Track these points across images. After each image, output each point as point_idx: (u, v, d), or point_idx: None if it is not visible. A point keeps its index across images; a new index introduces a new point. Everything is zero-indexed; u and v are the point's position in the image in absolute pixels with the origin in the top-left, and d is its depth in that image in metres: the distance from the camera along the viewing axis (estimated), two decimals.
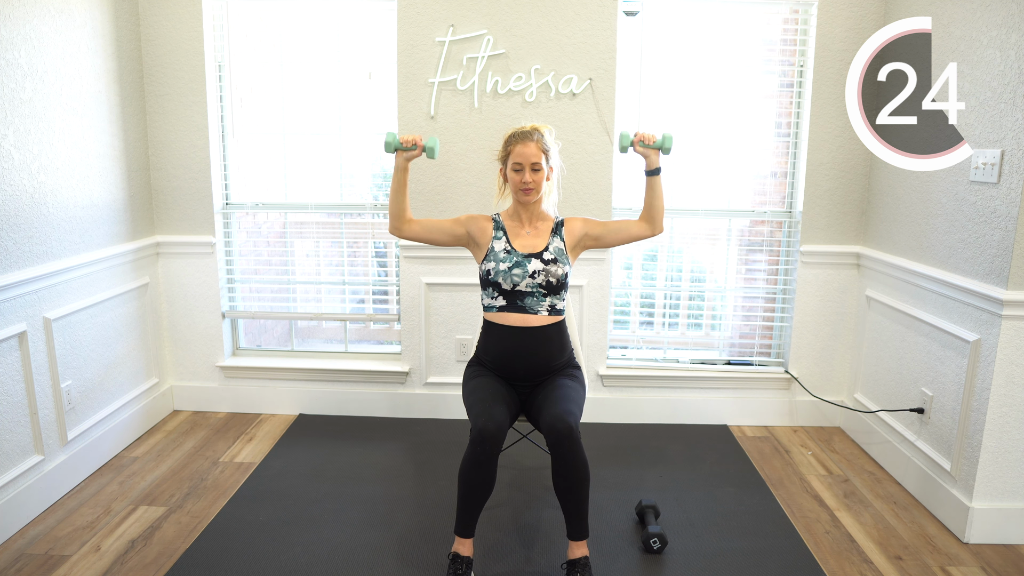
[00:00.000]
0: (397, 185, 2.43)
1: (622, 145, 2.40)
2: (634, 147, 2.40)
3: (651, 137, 2.37)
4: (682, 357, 3.54)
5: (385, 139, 2.38)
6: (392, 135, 2.39)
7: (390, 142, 2.39)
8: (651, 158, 2.39)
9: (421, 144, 2.41)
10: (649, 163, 2.40)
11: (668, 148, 2.37)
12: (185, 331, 3.50)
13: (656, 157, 2.39)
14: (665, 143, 2.37)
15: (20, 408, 2.55)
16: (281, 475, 2.91)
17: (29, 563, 2.32)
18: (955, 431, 2.57)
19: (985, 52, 2.45)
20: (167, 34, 3.22)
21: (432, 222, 2.48)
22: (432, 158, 2.44)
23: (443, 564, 2.32)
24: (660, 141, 2.37)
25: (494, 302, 2.38)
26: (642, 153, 2.40)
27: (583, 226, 2.45)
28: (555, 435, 2.11)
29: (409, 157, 2.43)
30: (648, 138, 2.37)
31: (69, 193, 2.79)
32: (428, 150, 2.41)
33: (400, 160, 2.43)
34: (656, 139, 2.38)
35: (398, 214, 2.45)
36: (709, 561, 2.38)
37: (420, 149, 2.42)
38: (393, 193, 2.44)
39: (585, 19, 3.13)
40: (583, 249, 2.48)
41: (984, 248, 2.45)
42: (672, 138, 2.37)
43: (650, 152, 2.39)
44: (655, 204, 2.41)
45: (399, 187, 2.43)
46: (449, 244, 2.49)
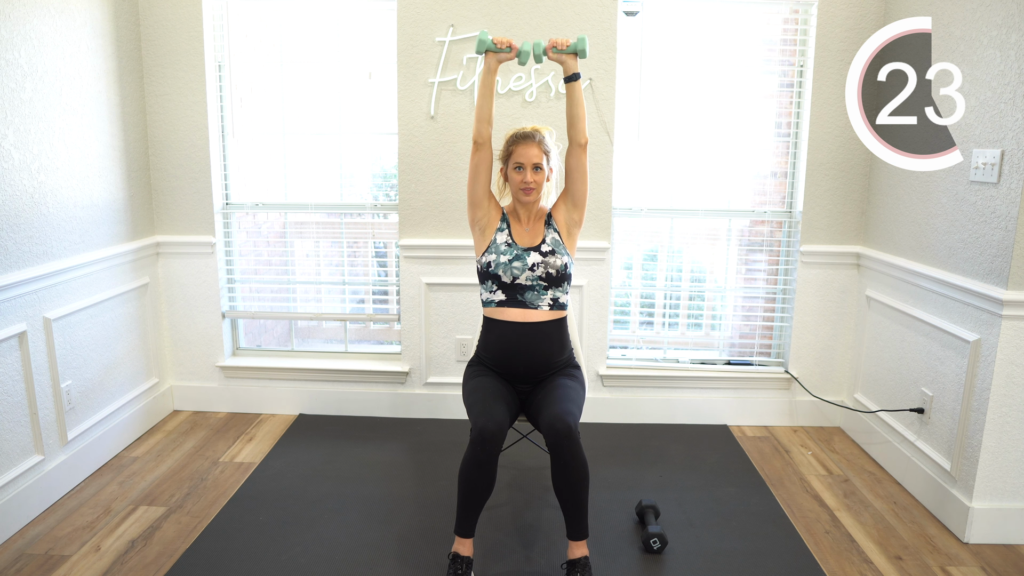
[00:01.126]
0: (485, 88, 2.35)
1: (535, 53, 2.35)
2: (547, 54, 2.36)
3: (564, 41, 2.32)
4: (682, 357, 3.54)
5: (478, 36, 2.31)
6: (484, 33, 2.32)
7: (483, 40, 2.31)
8: (568, 63, 2.34)
9: (516, 47, 2.35)
10: (566, 68, 2.34)
11: (583, 49, 2.31)
12: (185, 331, 3.50)
13: (574, 62, 2.34)
14: (579, 44, 2.31)
15: (20, 408, 2.55)
16: (281, 475, 2.91)
17: (29, 563, 2.32)
18: (955, 431, 2.57)
19: (985, 52, 2.45)
20: (167, 34, 3.22)
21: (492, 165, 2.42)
22: (522, 64, 2.38)
23: (443, 564, 2.32)
24: (575, 44, 2.32)
25: (493, 296, 2.38)
26: (556, 59, 2.35)
27: (559, 204, 2.44)
28: (554, 435, 2.11)
29: (501, 59, 2.36)
30: (561, 43, 2.32)
31: (69, 193, 2.79)
32: (521, 54, 2.35)
33: (491, 61, 2.35)
34: (570, 42, 2.33)
35: (486, 117, 2.37)
36: (709, 561, 2.38)
37: (514, 52, 2.35)
38: (480, 97, 2.36)
39: (585, 19, 3.13)
40: (577, 226, 2.45)
41: (984, 248, 2.45)
42: (586, 39, 2.31)
43: (565, 57, 2.34)
44: (576, 112, 2.35)
45: (487, 90, 2.35)
46: (476, 195, 2.40)
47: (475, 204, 2.41)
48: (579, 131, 2.36)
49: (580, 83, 2.35)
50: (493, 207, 2.44)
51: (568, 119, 2.36)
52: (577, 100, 2.35)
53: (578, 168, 2.39)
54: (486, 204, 2.42)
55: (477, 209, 2.41)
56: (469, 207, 2.43)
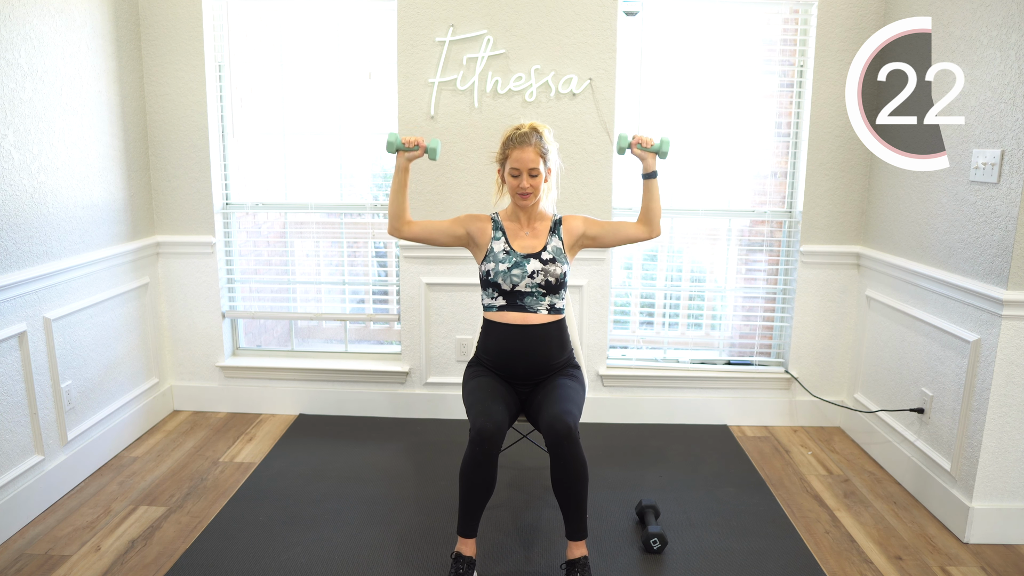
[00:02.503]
0: (397, 186, 2.43)
1: (620, 147, 2.40)
2: (631, 150, 2.40)
3: (649, 140, 2.38)
4: (682, 357, 3.54)
5: (387, 139, 2.38)
6: (394, 135, 2.39)
7: (392, 142, 2.38)
8: (648, 161, 2.39)
9: (424, 145, 2.41)
10: (646, 166, 2.40)
11: (665, 152, 2.37)
12: (185, 331, 3.50)
13: (653, 161, 2.40)
14: (662, 147, 2.37)
15: (20, 408, 2.55)
16: (281, 475, 2.91)
17: (29, 563, 2.32)
18: (955, 431, 2.57)
19: (985, 52, 2.45)
20: (167, 34, 3.22)
21: (432, 224, 2.48)
22: (434, 159, 2.43)
23: (444, 564, 2.32)
24: (658, 145, 2.38)
25: (494, 302, 2.39)
26: (639, 156, 2.40)
27: (581, 225, 2.45)
28: (554, 435, 2.11)
29: (411, 158, 2.43)
30: (646, 141, 2.38)
31: (69, 193, 2.79)
32: (430, 151, 2.41)
33: (401, 160, 2.42)
34: (654, 143, 2.38)
35: (398, 215, 2.44)
36: (709, 561, 2.38)
37: (422, 150, 2.42)
38: (393, 194, 2.43)
39: (585, 19, 3.13)
40: (581, 248, 2.48)
41: (984, 248, 2.45)
42: (669, 142, 2.37)
43: (647, 155, 2.39)
44: (652, 208, 2.41)
45: (399, 188, 2.43)
46: (449, 244, 2.48)
47: (456, 246, 2.49)
48: (655, 227, 2.45)
49: (657, 181, 2.40)
50: (474, 226, 2.46)
51: (644, 213, 2.44)
52: (654, 196, 2.42)
53: (627, 241, 2.47)
54: (463, 235, 2.46)
55: (459, 241, 2.47)
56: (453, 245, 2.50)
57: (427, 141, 2.43)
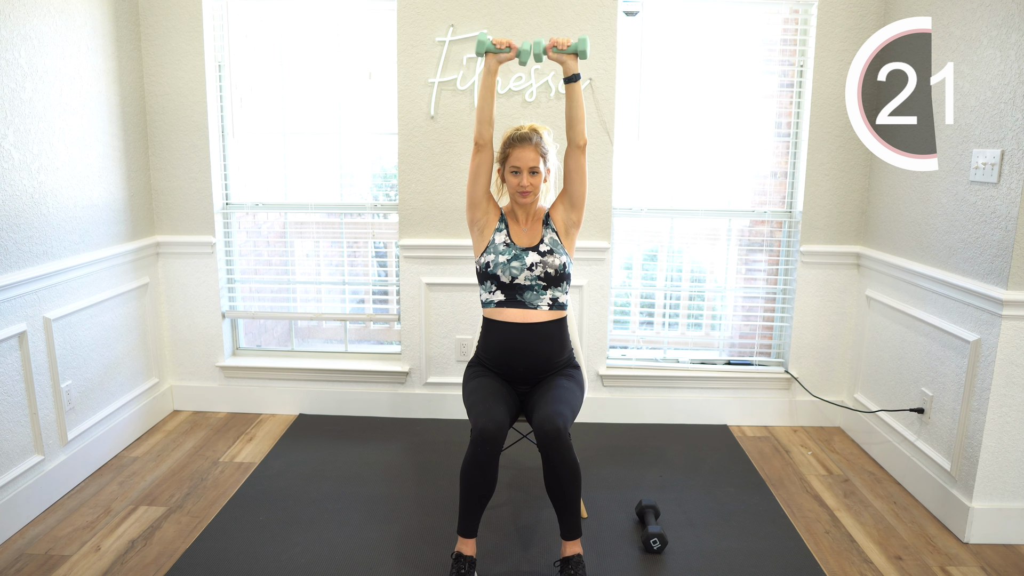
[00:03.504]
0: (485, 90, 2.34)
1: (535, 53, 2.34)
2: (547, 53, 2.34)
3: (565, 41, 2.31)
4: (682, 357, 3.54)
5: (477, 37, 2.29)
6: (484, 34, 2.30)
7: (482, 41, 2.29)
8: (568, 64, 2.32)
9: (515, 47, 2.33)
10: (566, 69, 2.33)
11: (583, 50, 2.30)
12: (185, 331, 3.50)
13: (574, 62, 2.32)
14: (580, 45, 2.30)
15: (20, 408, 2.55)
16: (281, 475, 2.91)
17: (29, 563, 2.32)
18: (955, 431, 2.57)
19: (985, 52, 2.45)
20: (167, 34, 3.22)
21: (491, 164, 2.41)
22: (523, 64, 2.36)
23: (444, 564, 2.32)
24: (575, 44, 2.30)
25: (492, 296, 2.38)
26: (556, 59, 2.34)
27: (557, 204, 2.44)
28: (543, 436, 2.11)
29: (501, 60, 2.35)
30: (562, 43, 2.31)
31: (69, 193, 2.79)
32: (521, 53, 2.33)
33: (491, 62, 2.34)
34: (571, 42, 2.31)
35: (487, 119, 2.35)
36: (709, 561, 2.38)
37: (513, 52, 2.34)
38: (481, 98, 2.35)
39: (585, 19, 3.13)
40: (576, 226, 2.44)
41: (984, 248, 2.45)
42: (587, 39, 2.30)
43: (565, 58, 2.32)
44: (576, 114, 2.33)
45: (488, 92, 2.34)
46: (475, 195, 2.40)
47: (474, 205, 2.41)
48: (578, 132, 2.35)
49: (580, 84, 2.34)
50: (492, 208, 2.44)
51: (567, 120, 2.35)
52: (576, 101, 2.33)
53: (577, 169, 2.38)
54: (485, 205, 2.42)
55: (476, 210, 2.42)
56: (468, 207, 2.43)
57: (519, 43, 2.35)
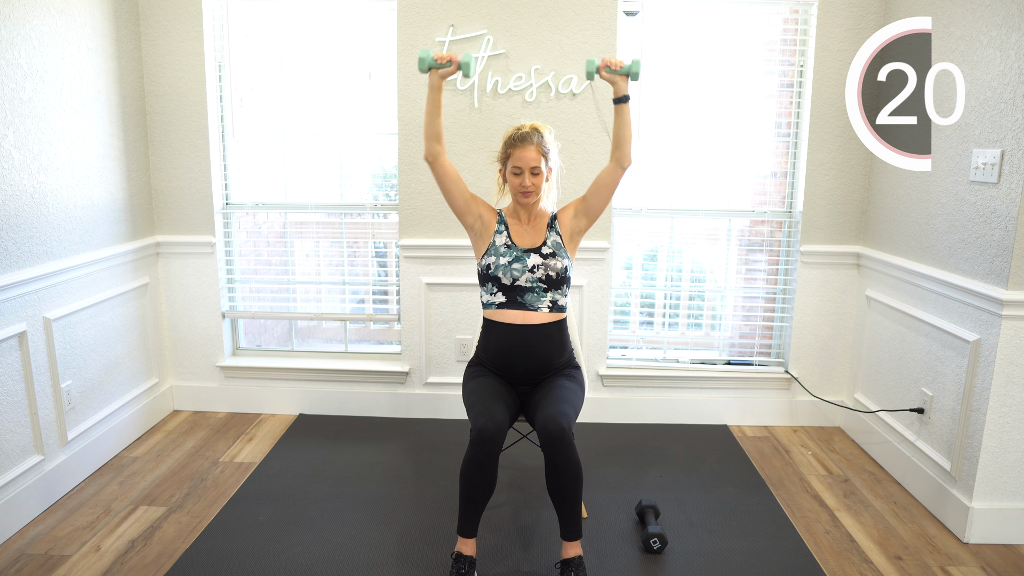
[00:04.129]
0: (432, 106, 2.34)
1: (588, 72, 2.34)
2: (600, 73, 2.34)
3: (618, 63, 2.31)
4: (682, 357, 3.54)
5: (419, 56, 2.28)
6: (426, 51, 2.29)
7: (424, 58, 2.28)
8: (619, 84, 2.32)
9: (456, 60, 2.32)
10: (617, 90, 2.33)
11: (636, 73, 2.30)
12: (185, 331, 3.50)
13: (624, 83, 2.32)
14: (633, 67, 2.30)
15: (20, 408, 2.55)
16: (281, 475, 2.91)
17: (29, 563, 2.32)
18: (955, 431, 2.57)
19: (985, 52, 2.45)
20: (167, 34, 3.22)
21: (458, 175, 2.40)
22: (467, 76, 2.36)
23: (444, 564, 2.32)
24: (628, 66, 2.31)
25: (493, 298, 2.38)
26: (608, 79, 2.34)
27: (570, 210, 2.44)
28: (547, 436, 2.11)
29: (444, 75, 2.33)
30: (615, 63, 2.31)
31: (69, 193, 2.79)
32: (463, 66, 2.32)
33: (435, 79, 2.33)
34: (623, 64, 2.31)
35: (434, 136, 2.35)
36: (709, 561, 2.38)
37: (455, 66, 2.32)
38: (428, 114, 2.34)
39: (585, 19, 3.13)
40: (581, 234, 2.45)
41: (984, 248, 2.45)
42: (640, 62, 2.31)
43: (617, 78, 2.32)
44: (623, 134, 2.34)
45: (434, 108, 2.33)
46: (457, 207, 2.40)
47: (461, 213, 2.43)
48: (624, 153, 2.36)
49: (629, 105, 2.34)
50: (484, 210, 2.44)
51: (615, 140, 2.36)
52: (625, 122, 2.34)
53: (609, 185, 2.39)
54: (473, 208, 2.42)
55: (466, 216, 2.42)
56: (457, 216, 2.44)
57: (460, 56, 2.36)
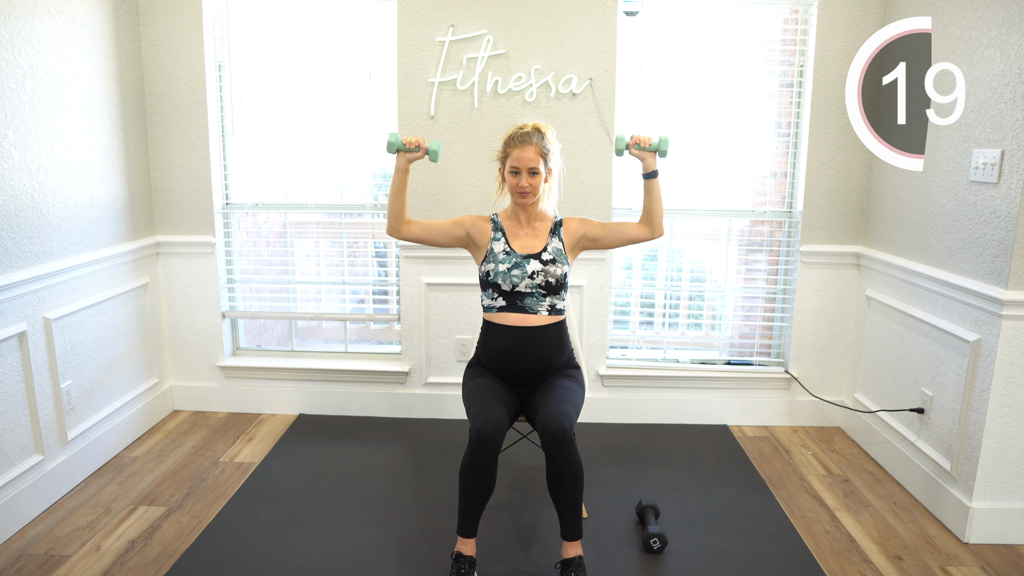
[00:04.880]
0: (397, 186, 2.41)
1: (618, 148, 2.38)
2: (629, 150, 2.38)
3: (647, 140, 2.35)
4: (682, 357, 3.54)
5: (388, 139, 2.37)
6: (395, 135, 2.37)
7: (392, 142, 2.37)
8: (647, 161, 2.37)
9: (424, 146, 2.39)
10: (646, 166, 2.38)
11: (664, 151, 2.35)
12: (185, 331, 3.50)
13: (653, 160, 2.37)
14: (661, 146, 2.34)
15: (20, 408, 2.55)
16: (281, 475, 2.91)
17: (29, 563, 2.32)
18: (955, 431, 2.57)
19: (985, 52, 2.45)
20: (167, 34, 3.22)
21: (431, 224, 2.46)
22: (434, 161, 2.42)
23: (444, 564, 2.32)
24: (656, 144, 2.35)
25: (494, 303, 2.39)
26: (638, 156, 2.38)
27: (581, 226, 2.44)
28: (549, 436, 2.11)
29: (411, 159, 2.40)
30: (644, 141, 2.35)
31: (69, 193, 2.79)
32: (431, 153, 2.39)
33: (401, 161, 2.40)
34: (652, 142, 2.36)
35: (397, 215, 2.42)
36: (709, 561, 2.38)
37: (423, 151, 2.40)
38: (393, 194, 2.41)
39: (585, 19, 3.13)
40: (582, 250, 2.48)
41: (984, 248, 2.45)
42: (668, 140, 2.35)
43: (646, 155, 2.37)
44: (654, 208, 2.39)
45: (399, 188, 2.41)
46: (449, 245, 2.47)
47: (454, 246, 2.48)
48: (657, 227, 2.41)
49: (658, 180, 2.37)
50: (473, 226, 2.45)
51: (646, 213, 2.40)
52: (655, 197, 2.38)
53: (630, 242, 2.44)
54: (461, 235, 2.46)
55: (458, 242, 2.47)
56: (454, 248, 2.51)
57: (428, 143, 2.42)
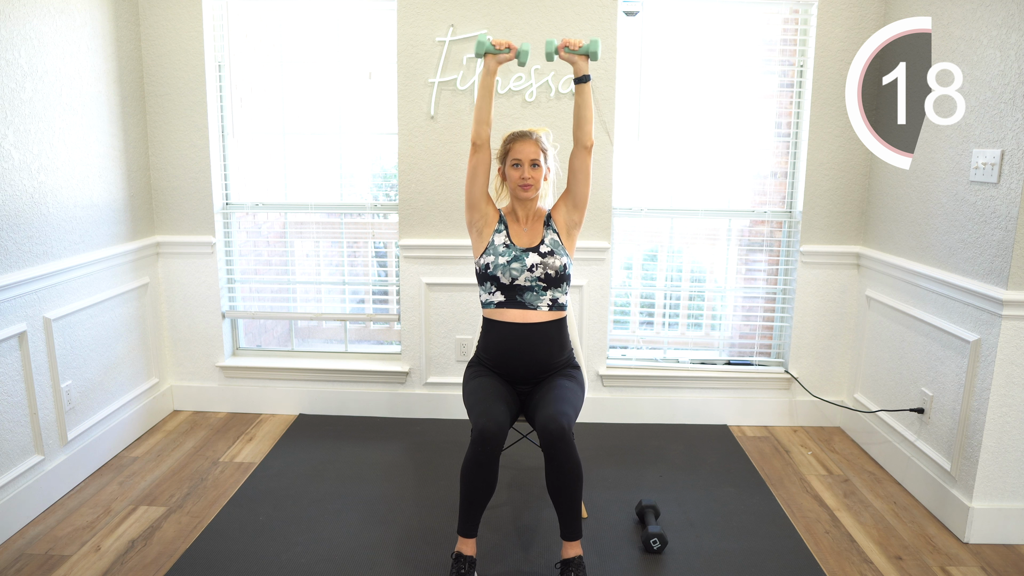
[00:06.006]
0: (484, 89, 2.35)
1: (547, 52, 2.35)
2: (559, 53, 2.35)
3: (577, 42, 2.32)
4: (682, 357, 3.54)
5: (477, 38, 2.31)
6: (484, 35, 2.32)
7: (482, 42, 2.31)
8: (579, 64, 2.33)
9: (515, 47, 2.35)
10: (577, 69, 2.34)
11: (594, 51, 2.31)
12: (185, 331, 3.50)
13: (584, 63, 2.33)
14: (591, 46, 2.31)
15: (20, 408, 2.55)
16: (281, 475, 2.91)
17: (29, 563, 2.32)
18: (955, 431, 2.57)
19: (985, 52, 2.45)
20: (167, 34, 3.22)
21: (490, 167, 2.41)
22: (522, 64, 2.38)
23: (444, 564, 2.32)
24: (587, 46, 2.31)
25: (492, 298, 2.38)
26: (567, 59, 2.34)
27: (560, 205, 2.44)
28: (547, 436, 2.11)
29: (501, 60, 2.36)
30: (574, 43, 2.32)
31: (69, 193, 2.79)
32: (520, 54, 2.34)
33: (491, 63, 2.35)
34: (582, 43, 2.32)
35: (483, 119, 2.36)
36: (709, 561, 2.38)
37: (513, 53, 2.35)
38: (480, 98, 2.35)
39: (585, 19, 3.13)
40: (577, 227, 2.45)
41: (984, 248, 2.45)
42: (599, 42, 2.31)
43: (576, 58, 2.33)
44: (584, 114, 2.34)
45: (486, 91, 2.35)
46: (473, 196, 2.39)
47: (472, 206, 2.42)
48: (585, 133, 2.36)
49: (589, 85, 2.34)
50: (490, 209, 2.44)
51: (575, 120, 2.36)
52: (585, 102, 2.34)
53: (581, 170, 2.38)
54: (483, 206, 2.42)
55: (474, 211, 2.42)
56: (467, 209, 2.43)
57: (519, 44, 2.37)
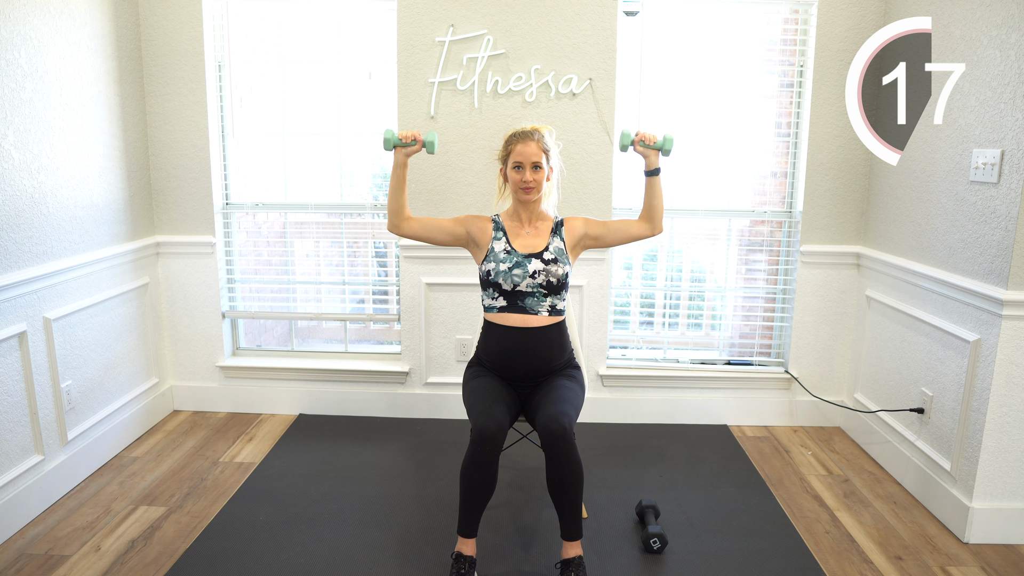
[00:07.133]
0: (396, 182, 2.42)
1: (622, 144, 2.39)
2: (634, 147, 2.39)
3: (651, 137, 2.37)
4: (682, 357, 3.54)
5: (384, 135, 2.38)
6: (391, 131, 2.38)
7: (389, 138, 2.38)
8: (651, 158, 2.38)
9: (420, 139, 2.40)
10: (648, 163, 2.39)
11: (668, 149, 2.36)
12: (185, 331, 3.50)
13: (656, 158, 2.38)
14: (665, 144, 2.36)
15: (20, 408, 2.55)
16: (281, 475, 2.91)
17: (29, 563, 2.32)
18: (955, 431, 2.57)
19: (985, 52, 2.45)
20: (167, 34, 3.22)
21: (432, 221, 2.47)
22: (431, 153, 2.43)
23: (444, 564, 2.32)
24: (660, 142, 2.36)
25: (494, 302, 2.39)
26: (642, 153, 2.39)
27: (583, 226, 2.45)
28: (548, 436, 2.11)
29: (408, 153, 2.41)
30: (648, 138, 2.37)
31: (69, 193, 2.79)
32: (427, 144, 2.40)
33: (399, 156, 2.41)
34: (656, 140, 2.37)
35: (397, 211, 2.43)
36: (709, 561, 2.38)
37: (420, 145, 2.41)
38: (392, 190, 2.42)
39: (585, 19, 3.13)
40: (583, 249, 2.48)
41: (984, 248, 2.45)
42: (673, 139, 2.36)
43: (650, 152, 2.38)
44: (654, 204, 2.41)
45: (398, 184, 2.42)
46: (448, 244, 2.48)
47: (454, 245, 2.49)
48: (657, 223, 2.43)
49: (659, 178, 2.39)
50: (474, 225, 2.45)
51: (647, 209, 2.42)
52: (656, 193, 2.40)
53: (631, 239, 2.46)
54: (463, 233, 2.46)
55: (458, 240, 2.47)
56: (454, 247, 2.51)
57: (424, 135, 2.43)
